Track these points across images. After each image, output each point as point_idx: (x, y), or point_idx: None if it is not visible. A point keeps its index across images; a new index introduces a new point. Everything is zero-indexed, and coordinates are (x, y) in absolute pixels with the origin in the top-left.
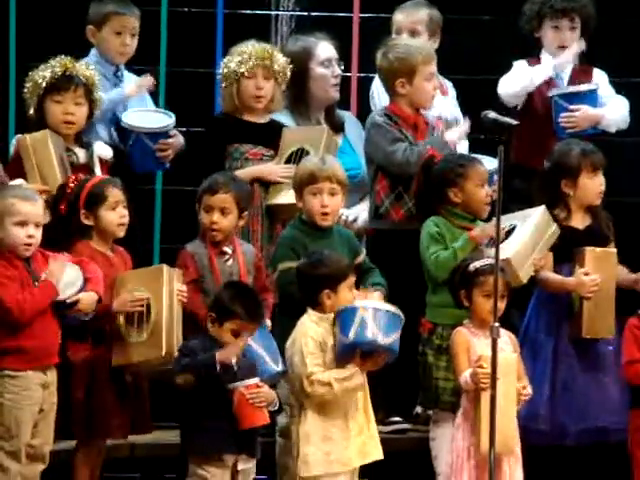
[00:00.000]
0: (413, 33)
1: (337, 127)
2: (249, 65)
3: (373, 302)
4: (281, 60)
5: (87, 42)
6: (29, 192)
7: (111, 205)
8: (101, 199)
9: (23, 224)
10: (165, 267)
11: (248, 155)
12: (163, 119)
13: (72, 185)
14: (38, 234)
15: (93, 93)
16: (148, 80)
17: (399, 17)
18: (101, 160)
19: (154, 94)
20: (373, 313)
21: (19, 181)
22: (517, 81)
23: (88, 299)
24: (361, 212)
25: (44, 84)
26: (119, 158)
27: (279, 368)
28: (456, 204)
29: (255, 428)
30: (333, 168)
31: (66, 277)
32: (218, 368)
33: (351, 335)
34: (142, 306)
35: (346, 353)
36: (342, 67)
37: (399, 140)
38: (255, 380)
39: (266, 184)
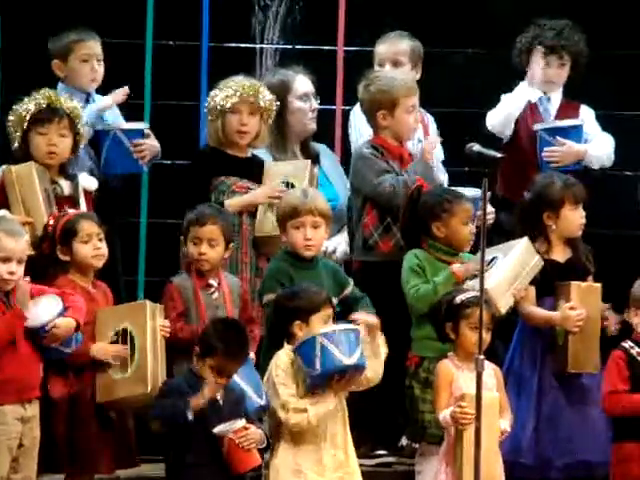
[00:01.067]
0: (395, 64)
1: (312, 159)
2: (234, 100)
3: (325, 327)
4: (267, 97)
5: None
6: (15, 227)
7: (83, 238)
8: (73, 233)
9: (6, 260)
10: (148, 303)
11: (235, 188)
12: (137, 124)
13: (51, 223)
14: (20, 270)
15: (77, 125)
16: (124, 90)
17: (381, 48)
18: (86, 192)
19: None
20: (330, 337)
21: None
22: (500, 110)
23: (66, 324)
24: (340, 243)
25: (28, 116)
26: (104, 190)
27: (263, 402)
28: (439, 238)
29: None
30: (316, 201)
31: (45, 305)
32: (190, 417)
33: (318, 366)
34: (123, 357)
35: (317, 384)
36: (318, 101)
37: (386, 171)
38: (242, 423)
39: (253, 216)
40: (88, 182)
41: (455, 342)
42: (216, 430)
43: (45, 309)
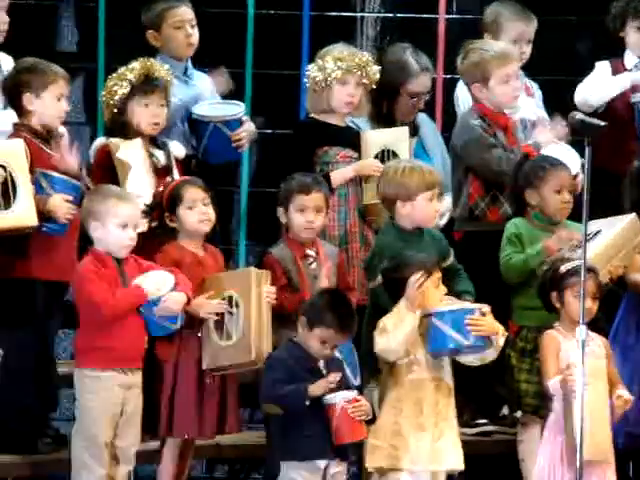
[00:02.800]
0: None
1: (411, 131)
2: (343, 72)
3: (439, 307)
4: (374, 69)
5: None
6: (129, 194)
7: (188, 204)
8: (179, 200)
9: (124, 226)
10: (253, 270)
11: (339, 158)
12: (234, 108)
13: (160, 190)
14: (135, 236)
15: (169, 95)
16: (225, 81)
17: (526, 27)
18: (176, 159)
19: (240, 95)
20: (442, 317)
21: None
22: (593, 93)
23: (177, 298)
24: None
25: (129, 87)
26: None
27: (356, 382)
28: (534, 206)
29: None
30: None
31: (157, 279)
32: (307, 403)
33: (429, 346)
34: (218, 314)
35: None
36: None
37: (493, 146)
38: (354, 394)
39: (359, 185)
40: (178, 150)
41: (561, 311)
42: (328, 398)
43: (157, 283)
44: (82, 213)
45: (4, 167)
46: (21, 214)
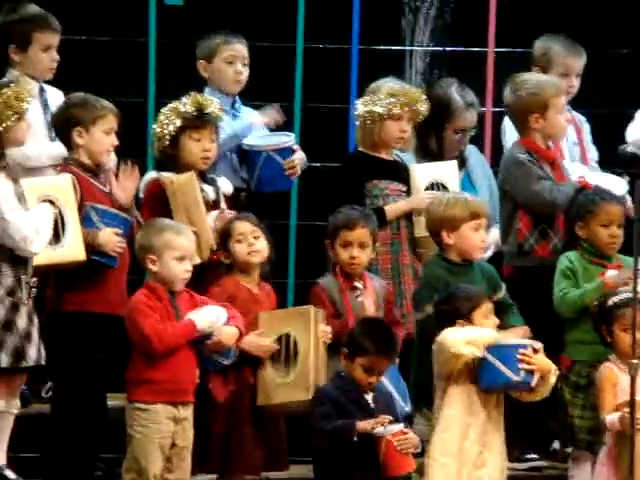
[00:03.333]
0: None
1: (460, 162)
2: (397, 107)
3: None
4: (426, 105)
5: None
6: (184, 227)
7: (237, 238)
8: (228, 234)
9: (182, 259)
10: (313, 309)
11: (388, 192)
12: (285, 137)
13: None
14: (191, 269)
15: (218, 129)
16: (276, 114)
17: (577, 62)
18: (224, 196)
19: (289, 129)
20: (495, 352)
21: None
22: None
23: (231, 333)
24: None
25: (180, 121)
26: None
27: (407, 408)
28: (585, 240)
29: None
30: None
31: (210, 313)
32: (354, 439)
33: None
34: (274, 365)
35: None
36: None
37: (542, 178)
38: (400, 426)
39: (410, 218)
40: (226, 186)
41: (612, 345)
42: (375, 431)
43: (210, 318)
44: (137, 247)
45: (53, 203)
46: (70, 249)
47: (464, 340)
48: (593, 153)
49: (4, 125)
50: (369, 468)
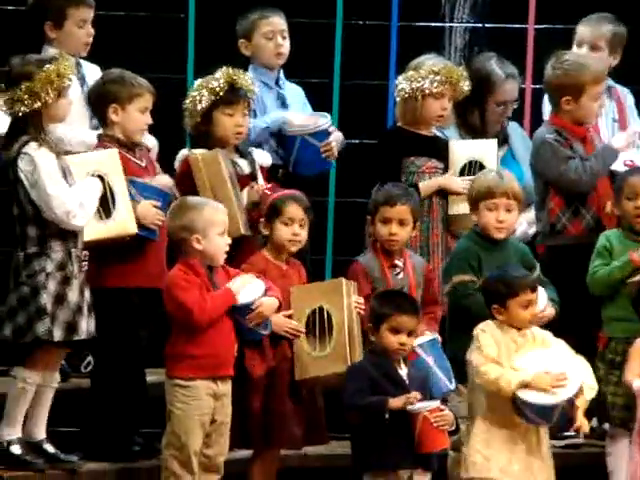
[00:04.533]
0: (593, 48)
1: (502, 139)
2: (440, 86)
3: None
4: (467, 83)
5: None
6: (213, 201)
7: (285, 220)
8: (278, 212)
9: (223, 233)
10: (344, 280)
11: (425, 169)
12: (320, 119)
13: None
14: (230, 242)
15: (251, 104)
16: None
17: (582, 30)
18: (261, 168)
19: (328, 106)
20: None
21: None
22: None
23: (270, 303)
24: (521, 223)
25: (213, 96)
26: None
27: (451, 386)
28: (620, 217)
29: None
30: (511, 184)
31: (248, 284)
32: (387, 416)
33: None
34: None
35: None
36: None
37: (570, 158)
38: (437, 403)
39: (445, 196)
40: (263, 157)
41: None
42: (411, 407)
43: (248, 289)
44: (176, 228)
45: (102, 178)
46: (122, 222)
47: (495, 384)
48: (636, 126)
49: (44, 101)
50: (403, 444)
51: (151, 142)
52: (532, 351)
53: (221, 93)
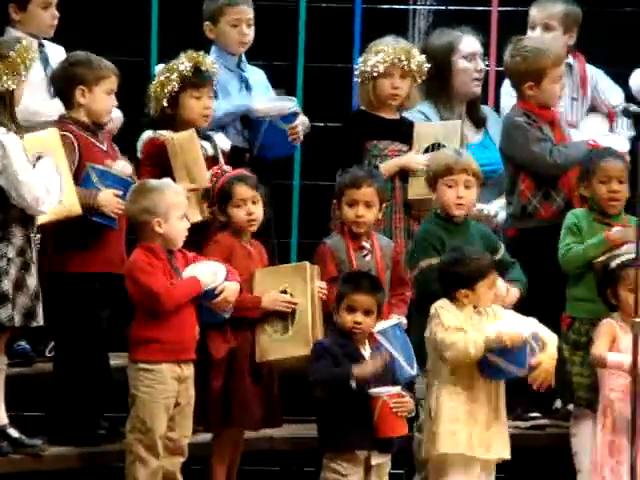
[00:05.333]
0: (547, 28)
1: (479, 123)
2: (386, 65)
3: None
4: (419, 59)
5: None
6: (174, 184)
7: (237, 203)
8: (228, 196)
9: (183, 217)
10: (308, 265)
11: (387, 152)
12: (288, 103)
13: (212, 180)
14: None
15: (215, 85)
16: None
17: (534, 11)
18: (222, 152)
19: (291, 88)
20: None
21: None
22: None
23: (234, 288)
24: (502, 207)
25: (180, 79)
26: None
27: (413, 372)
28: (591, 198)
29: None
30: (469, 160)
31: (209, 269)
32: (353, 385)
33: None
34: (283, 319)
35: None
36: (486, 62)
37: (542, 140)
38: (398, 389)
39: (405, 179)
40: (223, 142)
41: (618, 307)
42: (372, 391)
43: (210, 274)
44: (137, 211)
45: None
46: (68, 204)
47: (465, 351)
48: (612, 97)
49: (17, 82)
50: (362, 426)
51: (116, 115)
52: (490, 324)
53: (188, 76)
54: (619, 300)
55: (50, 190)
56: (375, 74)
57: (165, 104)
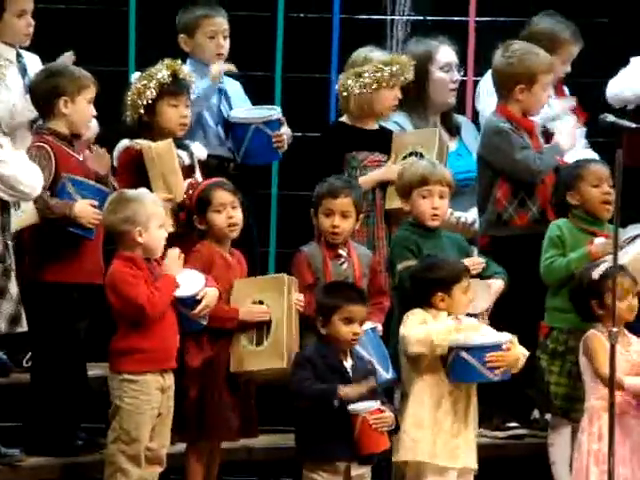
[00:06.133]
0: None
1: (453, 131)
2: (395, 76)
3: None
4: (412, 71)
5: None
6: (151, 194)
7: (216, 208)
8: (207, 203)
9: (162, 226)
10: (286, 277)
11: (366, 162)
12: (271, 110)
13: (189, 192)
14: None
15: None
16: (228, 65)
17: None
18: (199, 161)
19: (270, 99)
20: (472, 352)
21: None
22: (625, 86)
23: (213, 294)
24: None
25: (158, 88)
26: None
27: (389, 375)
28: (578, 207)
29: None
30: (444, 171)
31: (189, 277)
32: (336, 404)
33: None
34: (259, 331)
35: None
36: (462, 72)
37: (525, 148)
38: (377, 404)
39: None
40: (200, 151)
41: (604, 317)
42: (351, 408)
43: (188, 281)
44: (118, 220)
45: None
46: (28, 213)
47: (426, 340)
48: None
49: None
50: (342, 436)
51: (92, 124)
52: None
53: (166, 84)
54: (608, 309)
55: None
56: (378, 85)
57: (142, 111)
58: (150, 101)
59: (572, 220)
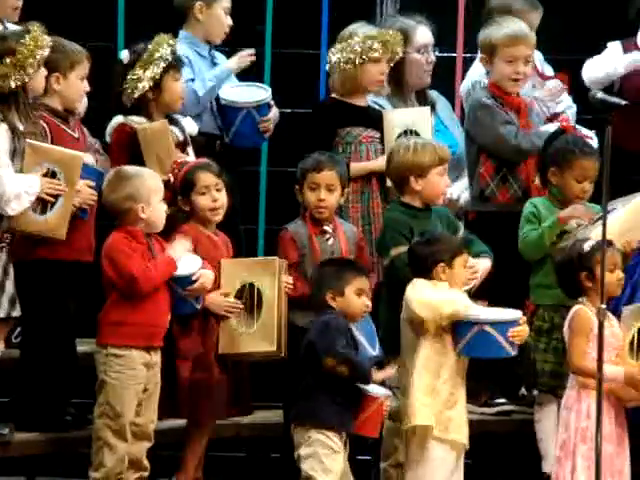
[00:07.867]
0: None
1: (429, 106)
2: (377, 50)
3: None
4: (402, 46)
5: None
6: (149, 170)
7: (200, 190)
8: (191, 185)
9: (162, 199)
10: (277, 259)
11: (362, 138)
12: (262, 92)
13: (175, 172)
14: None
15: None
16: (248, 53)
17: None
18: (190, 136)
19: (259, 75)
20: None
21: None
22: (601, 68)
23: (209, 275)
24: (462, 190)
25: (163, 62)
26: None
27: (375, 352)
28: (554, 185)
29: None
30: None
31: (186, 257)
32: (370, 385)
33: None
34: (236, 314)
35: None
36: (437, 53)
37: (508, 123)
38: (390, 393)
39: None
40: (191, 126)
41: (592, 290)
42: (373, 390)
43: (186, 260)
44: (121, 197)
45: (56, 174)
46: (52, 226)
47: (434, 306)
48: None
49: (29, 73)
50: (353, 419)
51: (83, 106)
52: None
53: (169, 59)
54: (597, 282)
55: (21, 198)
56: (366, 59)
57: (148, 88)
58: (158, 76)
59: (549, 197)
